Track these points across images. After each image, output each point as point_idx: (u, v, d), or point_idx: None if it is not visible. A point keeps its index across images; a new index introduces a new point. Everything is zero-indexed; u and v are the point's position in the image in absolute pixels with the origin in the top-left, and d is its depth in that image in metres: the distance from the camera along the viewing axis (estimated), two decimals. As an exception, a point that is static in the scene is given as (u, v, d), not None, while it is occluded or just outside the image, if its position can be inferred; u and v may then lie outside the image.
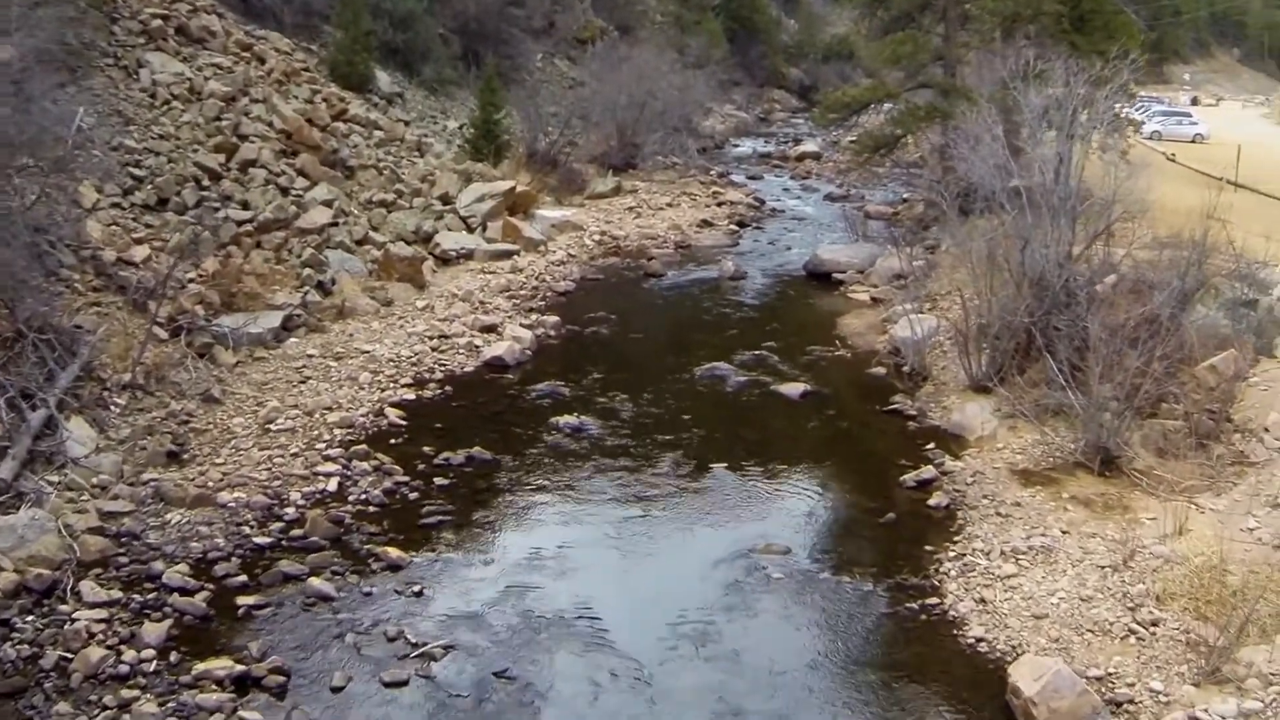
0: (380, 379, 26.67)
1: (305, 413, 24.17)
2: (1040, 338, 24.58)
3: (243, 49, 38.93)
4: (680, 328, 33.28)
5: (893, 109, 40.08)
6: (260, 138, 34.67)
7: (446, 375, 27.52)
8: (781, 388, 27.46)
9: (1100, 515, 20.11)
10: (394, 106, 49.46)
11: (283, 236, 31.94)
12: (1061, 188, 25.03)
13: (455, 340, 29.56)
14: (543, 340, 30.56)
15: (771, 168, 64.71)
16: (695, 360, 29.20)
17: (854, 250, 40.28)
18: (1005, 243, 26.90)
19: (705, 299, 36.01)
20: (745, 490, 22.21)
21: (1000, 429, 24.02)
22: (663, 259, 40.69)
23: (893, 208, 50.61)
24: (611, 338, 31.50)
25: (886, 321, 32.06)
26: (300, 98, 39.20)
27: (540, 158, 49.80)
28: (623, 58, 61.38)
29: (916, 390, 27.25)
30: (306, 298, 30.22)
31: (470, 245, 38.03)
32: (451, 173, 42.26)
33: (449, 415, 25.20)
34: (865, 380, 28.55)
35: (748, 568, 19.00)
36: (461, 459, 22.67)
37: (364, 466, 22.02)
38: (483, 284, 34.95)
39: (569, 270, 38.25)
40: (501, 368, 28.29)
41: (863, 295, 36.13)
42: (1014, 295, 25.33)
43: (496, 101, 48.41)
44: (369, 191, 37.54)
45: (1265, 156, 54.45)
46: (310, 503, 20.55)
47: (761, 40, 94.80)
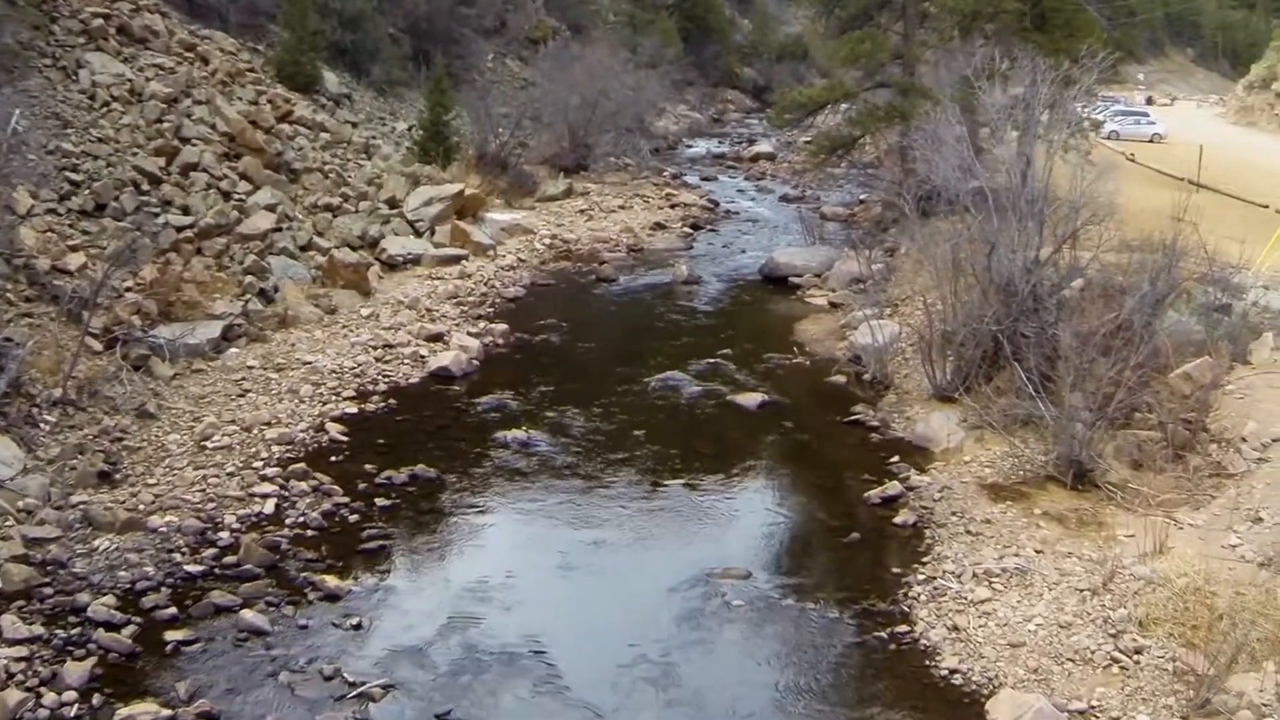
0: (322, 392, 25.59)
1: (243, 428, 23.09)
2: (1008, 345, 23.69)
3: (186, 49, 37.80)
4: (633, 335, 32.30)
5: (850, 109, 39.16)
6: (202, 140, 33.60)
7: (391, 387, 26.45)
8: (738, 398, 26.45)
9: (1075, 533, 19.22)
10: (342, 108, 48.39)
11: (224, 243, 30.89)
12: (1028, 190, 24.16)
13: (400, 350, 28.47)
14: (491, 349, 29.49)
15: (725, 169, 63.98)
16: (648, 369, 28.19)
17: (811, 253, 39.38)
18: (970, 247, 26.05)
19: (658, 305, 35.02)
20: (702, 509, 21.15)
21: (967, 440, 23.13)
22: (615, 263, 39.68)
23: (849, 209, 49.89)
24: (562, 346, 30.42)
25: (846, 328, 31.15)
26: (245, 99, 38.05)
27: (490, 160, 48.74)
28: (575, 57, 60.61)
29: (878, 400, 26.35)
30: (248, 306, 29.15)
31: (418, 250, 36.95)
32: (399, 175, 41.16)
33: (392, 430, 24.09)
34: (825, 389, 27.55)
35: (706, 594, 17.93)
36: (404, 477, 21.60)
37: (302, 487, 20.92)
38: (430, 290, 33.87)
39: (519, 275, 37.21)
40: (448, 379, 27.24)
41: (820, 300, 35.20)
42: (980, 301, 24.45)
43: (445, 102, 47.32)
44: (314, 195, 36.48)
45: (1224, 156, 54.02)
46: (245, 526, 19.45)
47: (715, 40, 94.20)
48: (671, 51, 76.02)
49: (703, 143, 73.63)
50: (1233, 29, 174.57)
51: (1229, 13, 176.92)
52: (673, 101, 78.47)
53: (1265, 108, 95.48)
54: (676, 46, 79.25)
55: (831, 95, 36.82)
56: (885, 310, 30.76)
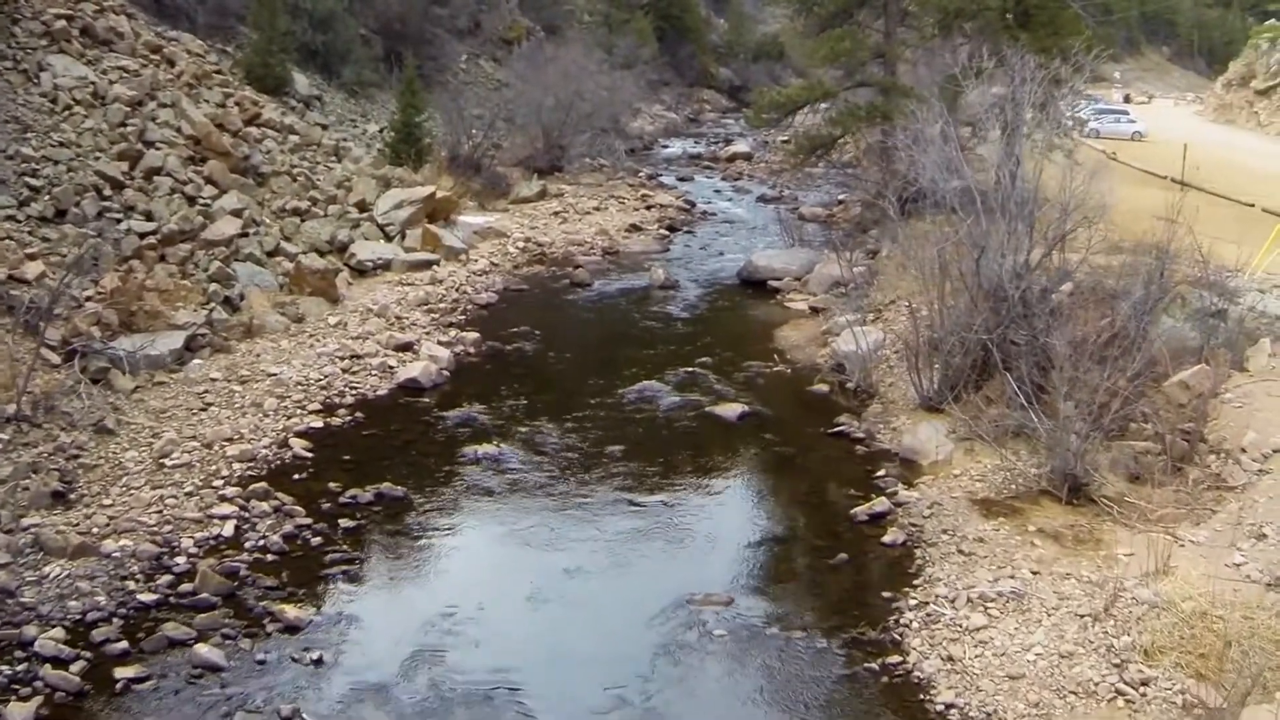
0: (287, 405, 24.64)
1: (204, 445, 22.12)
2: (997, 354, 22.83)
3: (152, 51, 36.74)
4: (608, 343, 31.34)
5: (830, 108, 38.29)
6: (167, 144, 32.56)
7: (358, 400, 25.49)
8: (718, 409, 25.50)
9: (1072, 551, 18.36)
10: (312, 110, 47.36)
11: (189, 249, 29.88)
12: (1018, 191, 23.28)
13: (368, 361, 27.49)
14: (461, 359, 28.53)
15: (702, 169, 63.08)
16: (624, 379, 27.26)
17: (790, 256, 38.47)
18: (956, 250, 25.17)
19: (634, 310, 34.09)
20: (681, 530, 20.18)
21: (956, 453, 22.25)
22: (590, 267, 38.75)
23: (828, 209, 49.04)
24: (535, 355, 29.44)
25: (828, 334, 30.22)
26: (212, 102, 37.00)
27: (463, 162, 47.83)
28: (549, 58, 59.65)
29: (863, 410, 25.41)
30: (212, 315, 28.15)
31: (388, 255, 35.99)
32: (370, 178, 40.16)
33: (359, 446, 23.12)
34: (807, 399, 26.64)
35: (687, 622, 16.98)
36: (370, 496, 20.66)
37: (263, 507, 19.97)
38: (400, 297, 32.91)
39: (491, 280, 36.25)
40: (417, 390, 26.29)
41: (801, 304, 34.31)
42: (968, 308, 23.56)
43: (417, 104, 46.36)
44: (282, 199, 35.50)
45: (1205, 155, 53.33)
46: (203, 551, 18.51)
47: (691, 40, 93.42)
48: (647, 51, 75.14)
49: (679, 143, 72.73)
50: (1209, 27, 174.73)
51: (1205, 11, 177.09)
52: (648, 102, 77.50)
53: (1244, 105, 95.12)
54: (652, 46, 78.41)
55: (811, 95, 35.85)
56: (868, 316, 29.86)
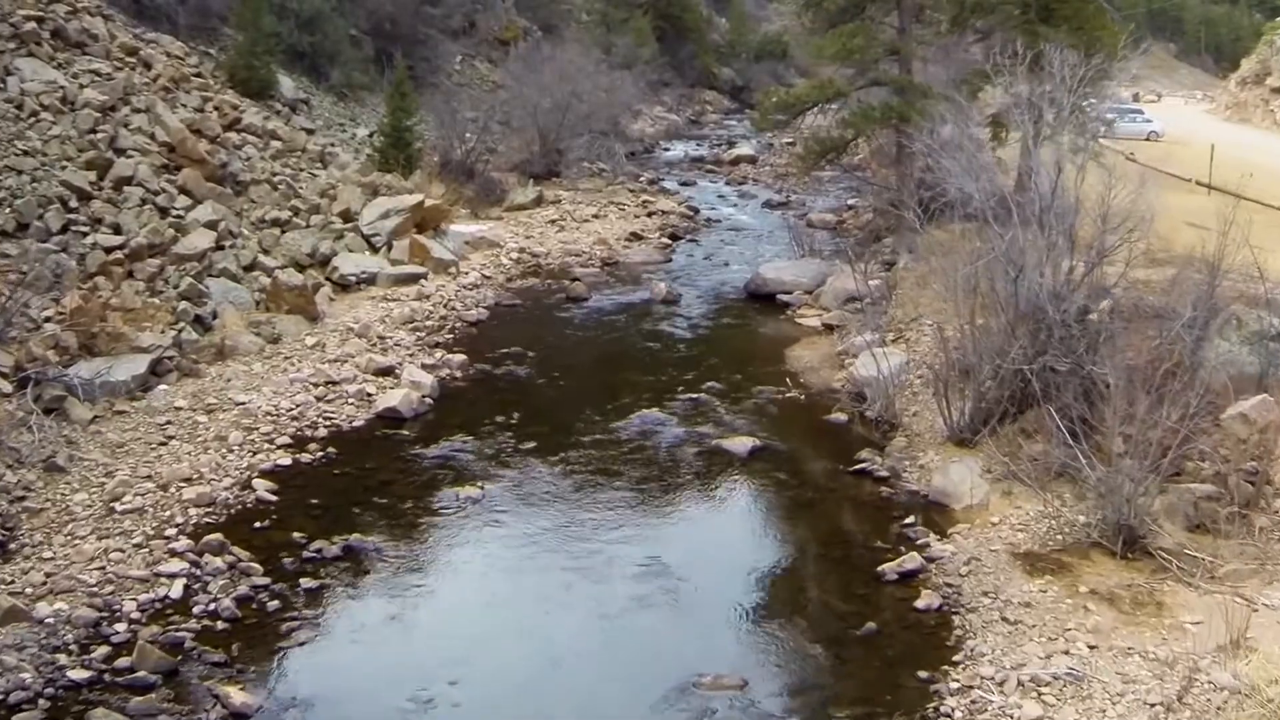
0: (254, 439, 22.49)
1: (159, 486, 20.00)
2: (1036, 383, 20.53)
3: (128, 54, 34.69)
4: (606, 365, 29.00)
5: (841, 109, 36.03)
6: (140, 152, 30.53)
7: (332, 432, 23.29)
8: (726, 443, 23.16)
9: (1131, 617, 16.09)
10: (298, 114, 45.06)
11: (158, 264, 27.77)
12: (1059, 201, 20.97)
13: (345, 388, 25.26)
14: (447, 384, 26.27)
15: (705, 173, 60.73)
16: (623, 408, 24.99)
17: (800, 267, 36.11)
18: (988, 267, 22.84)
19: (635, 327, 31.77)
20: (687, 594, 17.77)
21: (992, 496, 19.92)
22: (587, 279, 36.47)
23: (838, 215, 46.75)
24: (526, 380, 27.12)
25: (844, 355, 27.88)
26: (189, 106, 34.96)
27: (456, 167, 45.61)
28: (546, 58, 57.39)
29: (886, 443, 23.04)
30: (181, 336, 26.06)
31: (372, 268, 33.75)
32: (355, 186, 37.93)
33: (329, 487, 20.88)
34: (824, 430, 24.30)
35: (694, 712, 14.68)
36: (337, 550, 18.48)
37: (217, 564, 17.77)
38: (384, 314, 30.71)
39: (482, 295, 33.97)
40: (396, 421, 24.07)
41: (813, 320, 31.96)
42: (1003, 331, 21.24)
43: (407, 106, 44.06)
44: (262, 209, 33.38)
45: (1226, 155, 51.01)
46: (147, 616, 16.39)
47: (692, 39, 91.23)
48: (646, 51, 72.91)
49: (681, 145, 70.41)
50: (1216, 24, 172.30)
51: (1211, 7, 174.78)
52: (649, 103, 75.23)
53: (1259, 104, 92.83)
54: (651, 46, 76.16)
55: (822, 95, 33.45)
56: (887, 335, 27.58)
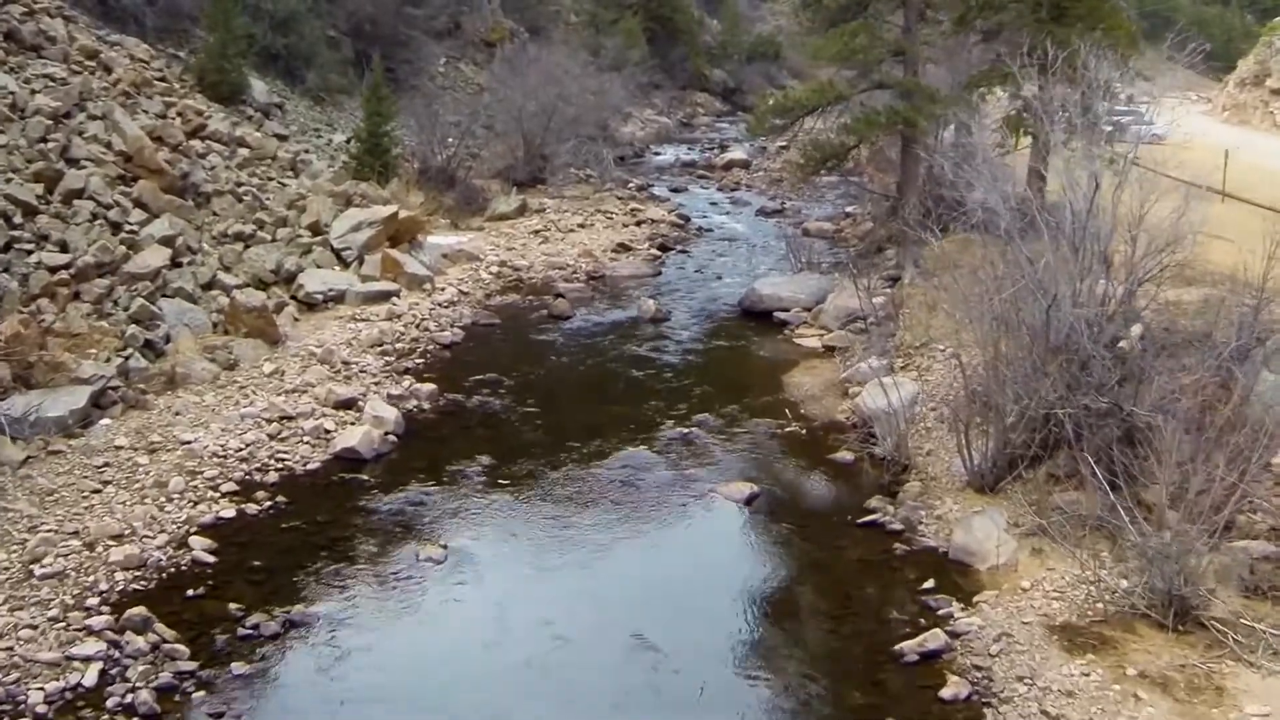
0: (197, 484, 20.13)
1: (86, 544, 17.67)
2: (1070, 425, 18.20)
3: (88, 57, 32.48)
4: (588, 395, 26.55)
5: (842, 114, 33.72)
6: (93, 162, 28.25)
7: (284, 477, 20.95)
8: (721, 489, 20.76)
9: (1189, 707, 13.78)
10: (271, 119, 42.69)
11: (107, 285, 25.45)
12: (1094, 220, 18.63)
13: (301, 424, 22.88)
14: (414, 418, 23.92)
15: (696, 178, 58.36)
16: (606, 447, 22.64)
17: (798, 283, 33.70)
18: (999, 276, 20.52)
19: (621, 350, 29.38)
20: (677, 686, 15.29)
21: (1021, 554, 17.56)
22: (571, 295, 34.14)
23: (835, 224, 44.44)
24: (500, 413, 24.72)
25: (848, 383, 25.44)
26: (151, 112, 32.66)
27: (436, 174, 43.31)
28: (531, 60, 55.09)
29: (898, 488, 20.58)
30: (129, 364, 23.78)
31: (341, 286, 31.43)
32: (326, 196, 35.59)
33: (274, 546, 18.51)
34: (829, 472, 21.90)
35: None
36: (277, 626, 16.09)
37: (139, 644, 15.36)
38: (351, 336, 28.41)
39: (458, 313, 31.60)
40: (356, 463, 21.71)
41: (813, 341, 29.59)
42: (1029, 362, 18.87)
43: (384, 111, 41.76)
44: (225, 222, 31.09)
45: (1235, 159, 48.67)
46: (54, 708, 14.08)
47: (683, 41, 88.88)
48: (636, 53, 70.60)
49: (671, 149, 68.03)
50: (1209, 24, 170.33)
51: (1204, 8, 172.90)
52: (639, 106, 72.97)
53: (1259, 105, 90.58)
54: (641, 48, 73.84)
55: (822, 98, 31.02)
56: (895, 361, 25.25)
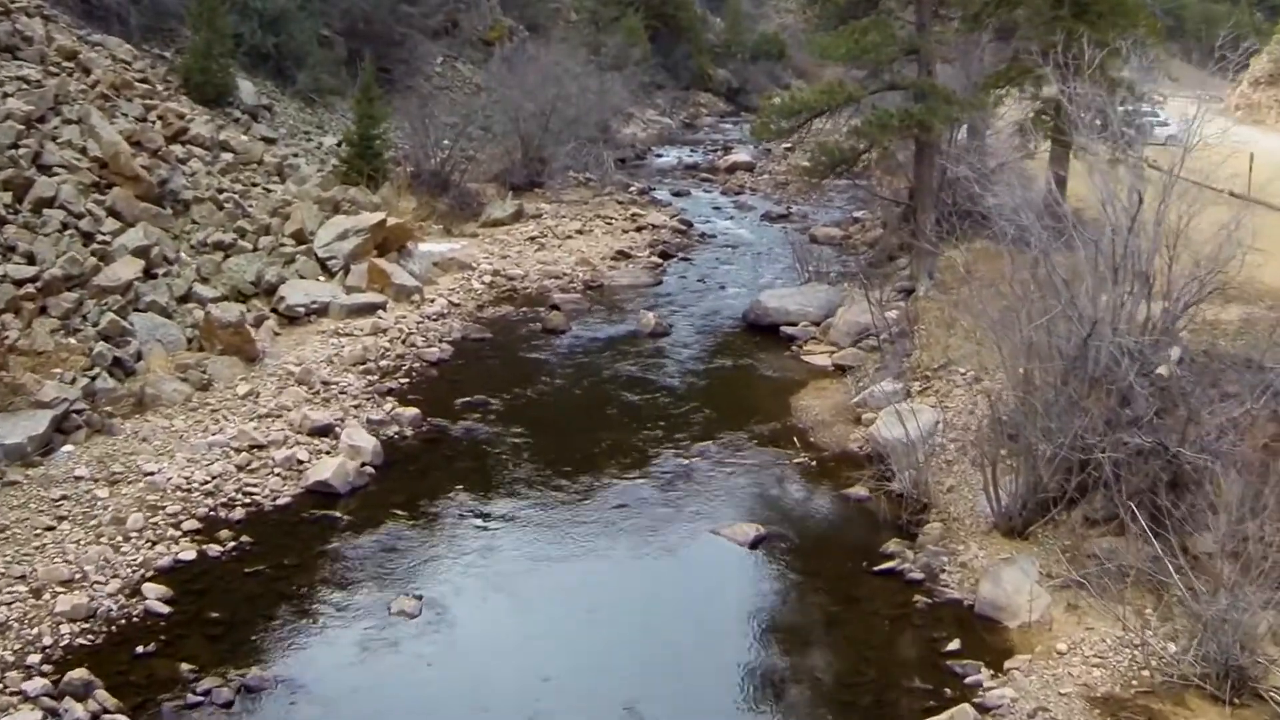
0: (158, 521, 18.45)
1: (32, 590, 16.05)
2: (1109, 466, 16.44)
3: (66, 58, 30.78)
4: (582, 419, 24.74)
5: (853, 116, 31.91)
6: (66, 168, 26.50)
7: (251, 513, 19.25)
8: (725, 531, 18.97)
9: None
10: (259, 122, 40.94)
11: (76, 299, 23.75)
12: (1136, 240, 16.88)
13: (272, 454, 21.13)
14: (394, 446, 22.19)
15: (699, 181, 56.50)
16: (600, 479, 20.93)
17: (806, 295, 31.83)
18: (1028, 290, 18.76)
19: (618, 368, 27.60)
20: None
21: (1055, 609, 15.80)
22: (567, 307, 32.41)
23: (843, 229, 42.66)
24: (487, 440, 22.95)
25: (861, 408, 23.64)
26: (130, 116, 30.89)
27: (430, 178, 41.55)
28: (529, 59, 53.39)
29: (917, 528, 18.75)
30: (97, 384, 22.10)
31: (324, 298, 29.70)
32: (312, 203, 33.88)
33: (235, 594, 16.82)
34: (841, 510, 20.12)
35: None
36: (230, 691, 14.39)
37: (78, 713, 13.70)
38: (333, 352, 26.70)
39: (447, 327, 29.82)
40: (329, 497, 19.98)
41: (822, 358, 27.80)
42: (1064, 397, 17.11)
43: (375, 112, 39.95)
44: (204, 231, 29.38)
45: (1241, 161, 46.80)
46: (-23, 787, 12.44)
47: (686, 39, 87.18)
48: (638, 52, 68.92)
49: (674, 151, 66.24)
50: (1217, 23, 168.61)
51: (1212, 7, 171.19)
52: (640, 106, 71.31)
53: (1273, 104, 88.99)
54: (643, 46, 72.18)
55: (831, 100, 29.06)
56: (911, 384, 23.49)
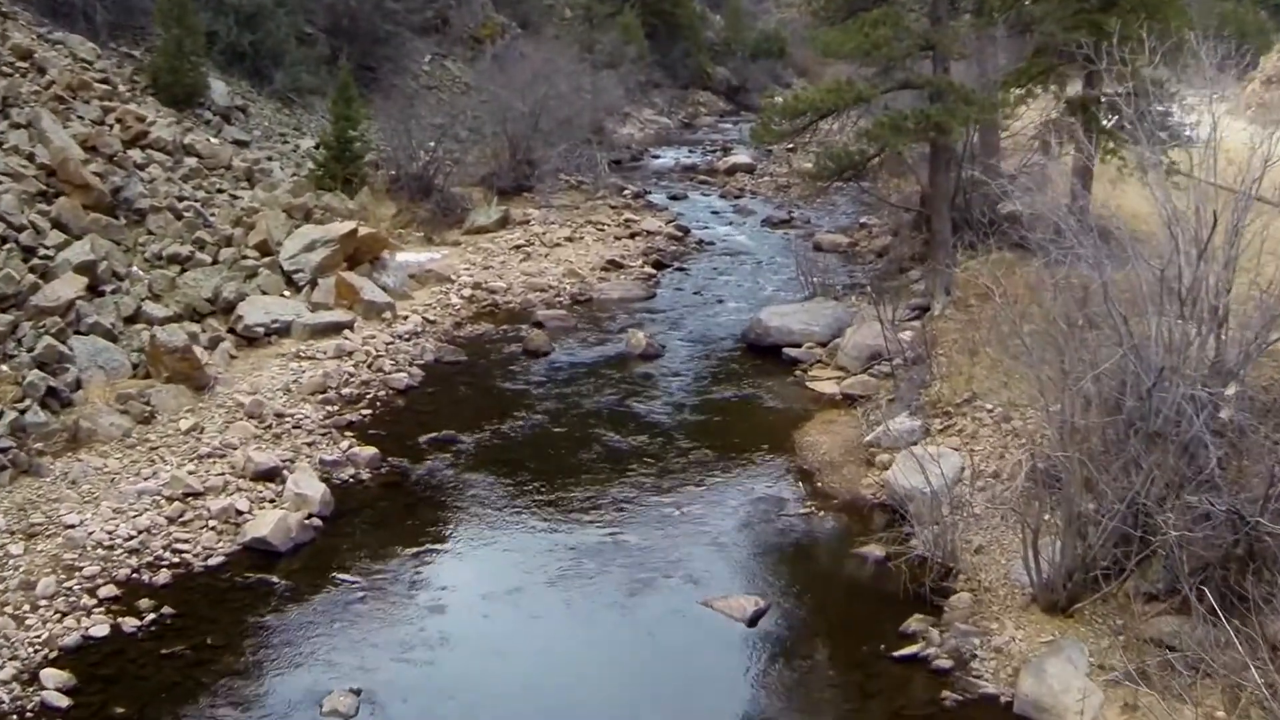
0: (72, 586, 16.20)
1: (-87, 680, 13.63)
2: (1169, 529, 13.86)
3: (21, 58, 28.88)
4: (560, 459, 21.91)
5: (861, 117, 29.22)
6: (11, 176, 24.67)
7: (178, 576, 16.84)
8: (717, 603, 16.24)
9: None
10: (233, 123, 38.53)
11: (10, 321, 21.56)
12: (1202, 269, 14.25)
13: (208, 503, 18.67)
14: (348, 491, 19.66)
15: (697, 183, 53.87)
16: (574, 535, 18.30)
17: (810, 312, 29.01)
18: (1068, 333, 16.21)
19: (602, 399, 24.91)
20: None
21: (1110, 709, 13.12)
22: (551, 324, 29.79)
23: (849, 236, 40.07)
24: (450, 485, 20.32)
25: (874, 448, 20.93)
26: (87, 118, 28.98)
27: (412, 182, 39.07)
28: (518, 56, 51.03)
29: (943, 599, 15.98)
30: (26, 418, 19.76)
31: (286, 316, 27.21)
32: (281, 211, 31.39)
33: (148, 684, 14.33)
34: (854, 574, 17.40)
35: None
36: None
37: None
38: (292, 378, 24.29)
39: (419, 349, 27.19)
40: (267, 556, 17.51)
41: (829, 385, 25.09)
42: (1122, 456, 14.51)
43: (353, 114, 37.49)
44: (160, 243, 27.19)
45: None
46: None
47: (685, 37, 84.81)
48: (634, 49, 66.49)
49: (671, 152, 63.69)
50: (1223, 21, 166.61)
51: (1218, 3, 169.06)
52: (637, 105, 69.05)
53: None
54: (639, 44, 69.78)
55: (839, 100, 26.24)
56: (931, 420, 20.84)
